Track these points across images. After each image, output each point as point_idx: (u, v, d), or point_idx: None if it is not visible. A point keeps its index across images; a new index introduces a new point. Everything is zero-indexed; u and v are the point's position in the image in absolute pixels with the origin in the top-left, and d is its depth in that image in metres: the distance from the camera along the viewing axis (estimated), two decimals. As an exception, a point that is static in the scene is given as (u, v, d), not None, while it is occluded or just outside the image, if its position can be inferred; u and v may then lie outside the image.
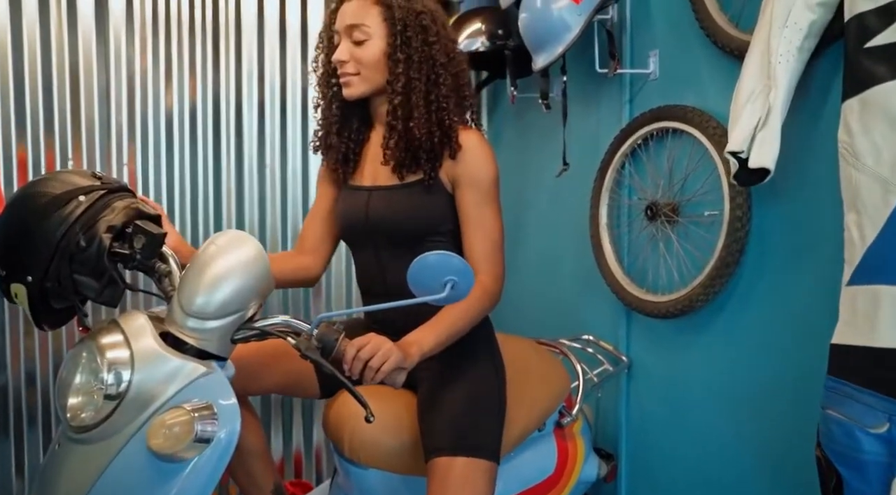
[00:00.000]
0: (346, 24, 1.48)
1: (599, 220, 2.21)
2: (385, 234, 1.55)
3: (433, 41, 1.47)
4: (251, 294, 1.29)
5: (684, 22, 1.95)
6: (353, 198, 1.60)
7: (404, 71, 1.45)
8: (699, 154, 1.90)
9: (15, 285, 1.25)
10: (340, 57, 1.48)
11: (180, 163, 2.59)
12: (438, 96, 1.47)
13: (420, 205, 1.52)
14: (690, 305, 1.88)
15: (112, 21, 2.50)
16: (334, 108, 1.58)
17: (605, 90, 2.24)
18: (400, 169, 1.51)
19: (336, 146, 1.58)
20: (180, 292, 1.27)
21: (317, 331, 1.29)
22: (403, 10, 1.46)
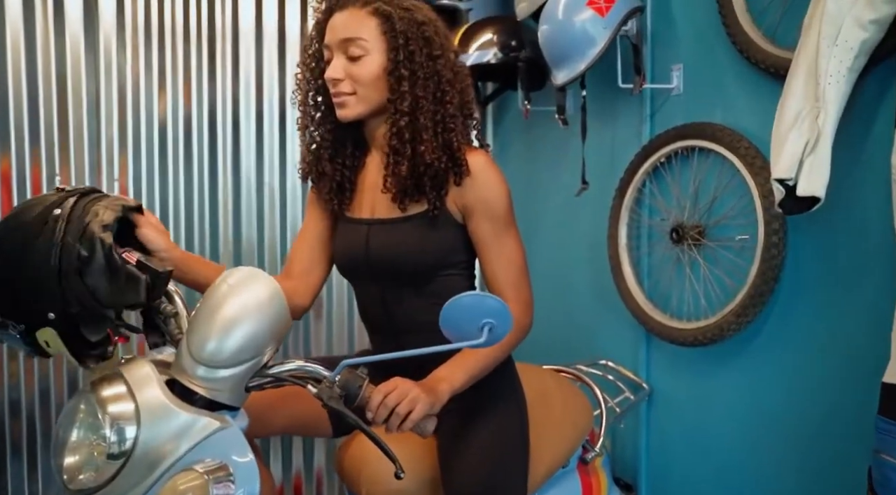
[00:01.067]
0: (339, 37, 1.32)
1: (618, 240, 2.11)
2: (389, 273, 1.41)
3: (438, 55, 1.33)
4: (267, 338, 1.18)
5: (712, 35, 1.86)
6: (350, 231, 1.45)
7: (409, 89, 1.30)
8: (729, 175, 1.81)
9: (41, 331, 1.13)
10: (334, 74, 1.32)
11: (174, 179, 2.45)
12: (445, 116, 1.33)
13: (426, 240, 1.38)
14: (720, 334, 1.79)
15: (102, 27, 2.37)
16: (325, 130, 1.41)
17: (624, 104, 2.15)
18: (402, 198, 1.36)
19: (330, 174, 1.42)
20: (189, 337, 1.15)
21: (339, 378, 1.18)
22: (405, 22, 1.31)
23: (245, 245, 2.53)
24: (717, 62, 1.85)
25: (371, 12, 1.31)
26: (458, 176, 1.33)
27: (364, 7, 1.32)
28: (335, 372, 1.18)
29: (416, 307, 1.41)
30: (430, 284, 1.39)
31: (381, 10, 1.31)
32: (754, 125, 1.75)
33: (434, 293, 1.39)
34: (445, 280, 1.40)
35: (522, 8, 2.01)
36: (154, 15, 2.42)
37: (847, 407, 1.57)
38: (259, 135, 2.54)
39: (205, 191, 2.48)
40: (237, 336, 1.14)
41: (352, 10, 1.32)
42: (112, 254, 1.12)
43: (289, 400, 1.46)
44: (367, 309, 1.50)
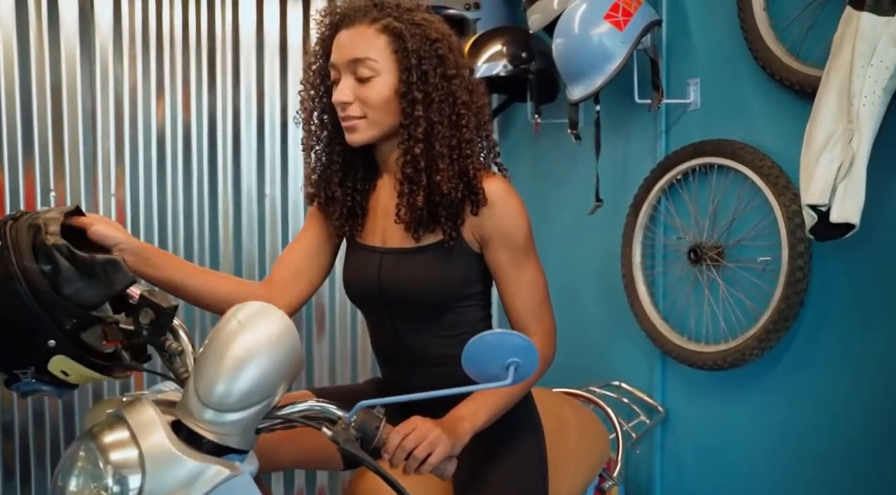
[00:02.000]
0: (347, 58, 1.23)
1: (632, 259, 2.06)
2: (402, 304, 1.34)
3: (452, 74, 1.23)
4: (279, 378, 1.11)
5: (731, 50, 1.81)
6: (362, 259, 1.37)
7: (424, 113, 1.21)
8: (750, 194, 1.75)
9: (52, 363, 1.06)
10: (342, 97, 1.23)
11: (173, 192, 2.38)
12: (461, 141, 1.24)
13: (442, 272, 1.30)
14: (742, 358, 1.73)
15: (98, 35, 2.30)
16: (333, 153, 1.33)
17: (638, 119, 2.09)
18: (416, 228, 1.28)
19: (340, 199, 1.34)
20: (197, 378, 1.08)
21: (355, 419, 1.11)
22: (417, 39, 1.21)
23: (246, 258, 2.46)
24: (738, 77, 1.80)
25: (380, 30, 1.22)
26: (474, 205, 1.25)
27: (373, 24, 1.22)
28: (351, 414, 1.11)
29: (431, 339, 1.35)
30: (445, 316, 1.33)
31: (392, 27, 1.21)
32: (777, 143, 1.70)
33: (449, 325, 1.33)
34: (461, 311, 1.34)
35: (535, 20, 1.95)
36: (152, 23, 2.35)
37: (874, 436, 1.51)
38: (260, 147, 2.47)
39: (205, 203, 2.41)
40: (247, 377, 1.07)
41: (360, 28, 1.22)
42: (74, 254, 1.06)
43: (298, 435, 1.39)
44: (378, 339, 1.43)
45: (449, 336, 1.33)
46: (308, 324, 2.54)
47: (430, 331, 1.34)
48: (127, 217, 2.34)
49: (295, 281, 1.41)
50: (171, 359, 1.15)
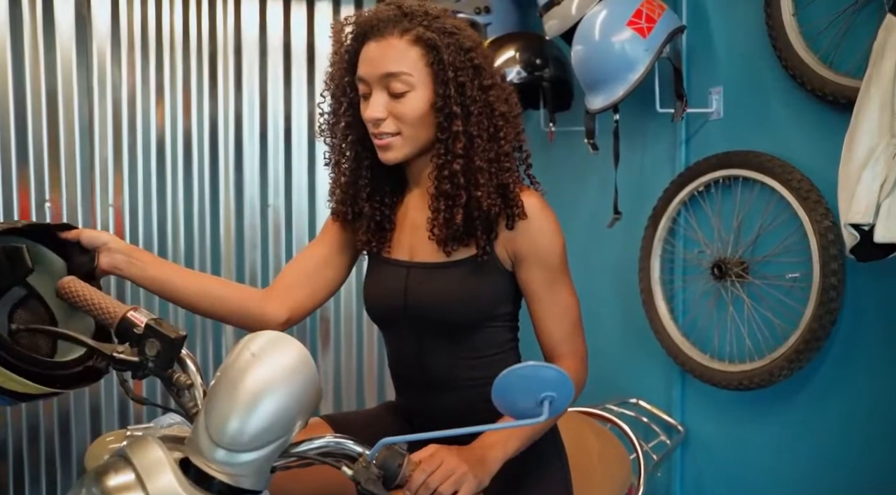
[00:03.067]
0: (379, 72, 1.16)
1: (651, 273, 1.99)
2: (427, 323, 1.27)
3: (489, 85, 1.17)
4: (296, 413, 1.03)
5: (757, 57, 1.74)
6: (387, 274, 1.30)
7: (462, 127, 1.15)
8: (778, 208, 1.69)
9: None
10: (375, 114, 1.16)
11: (173, 202, 2.31)
12: (500, 154, 1.17)
13: (472, 289, 1.24)
14: (769, 379, 1.66)
15: (95, 39, 2.22)
16: (362, 168, 1.25)
17: (657, 128, 2.02)
18: (449, 243, 1.21)
19: (368, 214, 1.28)
20: (208, 415, 1.00)
21: (377, 457, 1.04)
22: (452, 50, 1.14)
23: (248, 270, 2.39)
24: (764, 86, 1.73)
25: (413, 41, 1.14)
26: (510, 218, 1.19)
27: (404, 35, 1.15)
28: (373, 451, 1.04)
29: (454, 360, 1.28)
30: (472, 337, 1.26)
31: (425, 37, 1.14)
32: (807, 156, 1.63)
33: (475, 346, 1.27)
34: (489, 332, 1.27)
35: (552, 26, 1.88)
36: (151, 26, 2.27)
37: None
38: (263, 155, 2.40)
39: (206, 213, 2.34)
40: (262, 414, 1.00)
41: (390, 40, 1.15)
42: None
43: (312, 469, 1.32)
44: (398, 360, 1.35)
45: (474, 357, 1.26)
46: (312, 338, 2.47)
47: (455, 352, 1.27)
48: (125, 227, 2.26)
49: (296, 289, 1.34)
50: (178, 393, 1.07)
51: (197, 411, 1.05)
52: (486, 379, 1.12)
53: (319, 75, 2.44)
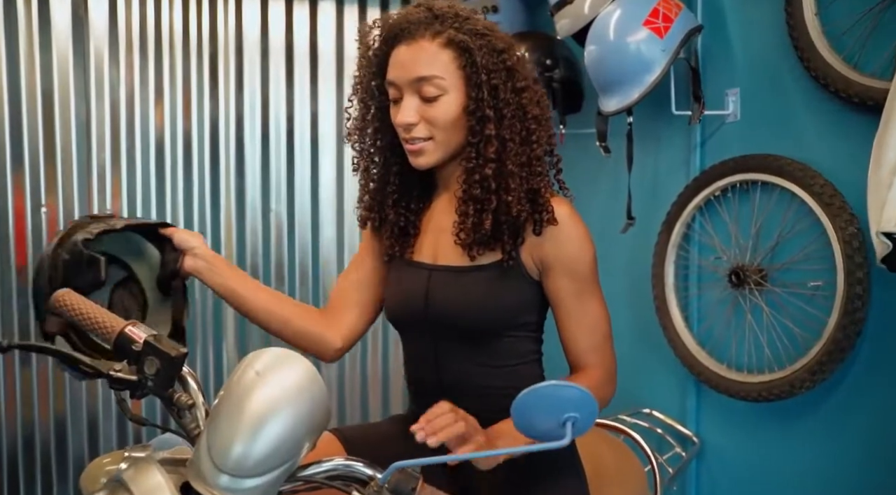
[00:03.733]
0: (410, 76, 1.13)
1: (665, 280, 1.93)
2: (448, 328, 1.24)
3: (522, 87, 1.14)
4: (304, 435, 0.97)
5: (776, 58, 1.68)
6: (408, 276, 1.26)
7: (495, 131, 1.12)
8: (799, 214, 1.63)
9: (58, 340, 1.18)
10: (407, 119, 1.14)
11: (172, 207, 2.25)
12: (532, 158, 1.15)
13: (495, 294, 1.20)
14: (790, 391, 1.61)
15: (92, 38, 2.17)
16: (391, 175, 1.23)
17: (671, 131, 1.97)
18: (474, 247, 1.18)
19: (393, 220, 1.26)
20: (210, 438, 0.94)
21: (389, 481, 0.98)
22: (484, 52, 1.12)
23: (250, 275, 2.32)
24: (784, 88, 1.68)
25: (444, 44, 1.12)
26: (538, 224, 1.15)
27: (436, 38, 1.12)
28: (385, 475, 0.98)
29: (473, 368, 1.24)
30: (493, 345, 1.22)
31: (457, 40, 1.11)
32: (830, 160, 1.58)
33: (495, 354, 1.22)
34: (511, 342, 1.22)
35: (563, 25, 1.82)
36: (150, 26, 2.21)
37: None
38: (265, 158, 2.34)
39: (206, 218, 2.29)
40: (268, 437, 0.94)
41: (422, 43, 1.13)
42: (78, 250, 1.15)
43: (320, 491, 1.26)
44: (415, 366, 1.31)
45: (494, 366, 1.22)
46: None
47: (474, 359, 1.23)
48: (123, 233, 2.20)
49: (346, 311, 1.32)
50: (179, 414, 1.02)
51: (199, 432, 1.00)
52: (505, 389, 1.11)
53: (322, 76, 2.38)
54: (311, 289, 2.39)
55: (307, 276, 2.38)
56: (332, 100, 2.39)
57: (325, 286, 2.40)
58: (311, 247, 2.38)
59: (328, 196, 2.39)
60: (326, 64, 2.38)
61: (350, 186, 2.41)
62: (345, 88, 2.41)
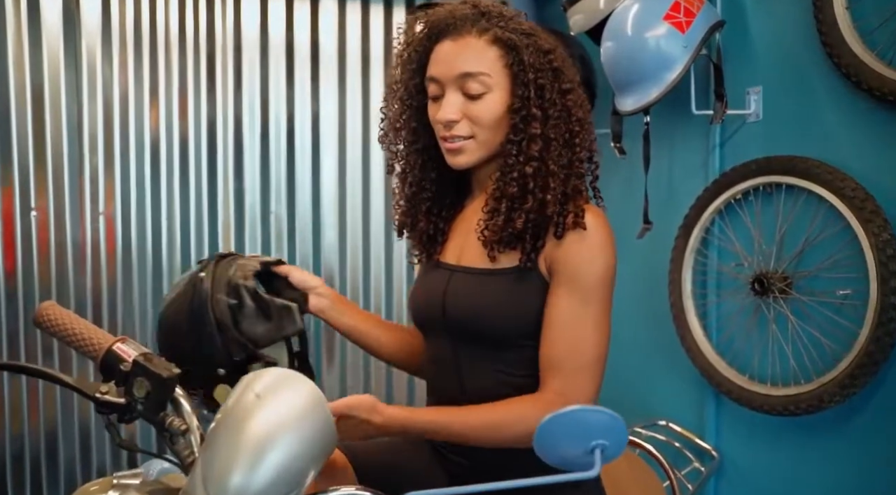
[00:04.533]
0: (455, 72, 1.11)
1: (682, 287, 1.86)
2: (465, 330, 1.19)
3: (568, 89, 1.11)
4: (309, 462, 0.90)
5: (802, 54, 1.61)
6: (431, 276, 1.24)
7: (541, 131, 1.09)
8: (827, 219, 1.55)
9: (218, 391, 1.15)
10: (450, 116, 1.11)
11: (168, 211, 2.17)
12: (573, 161, 1.12)
13: (512, 300, 1.14)
14: (818, 405, 1.53)
15: (84, 35, 2.08)
16: (427, 180, 1.20)
17: (689, 131, 1.89)
18: (496, 247, 1.13)
19: (423, 227, 1.23)
20: (206, 467, 0.87)
21: (401, 511, 0.90)
22: (531, 51, 1.10)
23: (248, 283, 2.24)
24: (810, 86, 1.60)
25: (491, 41, 1.10)
26: (559, 227, 1.10)
27: (482, 35, 1.10)
28: (396, 507, 0.90)
29: (493, 374, 1.18)
30: (511, 352, 1.16)
31: (503, 38, 1.09)
32: (861, 162, 1.50)
33: (514, 363, 1.16)
34: (529, 352, 1.15)
35: (577, 20, 1.74)
36: (145, 22, 2.13)
37: None
38: (265, 159, 2.26)
39: (204, 222, 2.21)
40: (269, 466, 0.86)
41: (468, 39, 1.10)
42: (258, 295, 1.17)
43: None
44: (434, 368, 1.26)
45: (512, 376, 1.15)
46: (317, 352, 2.33)
47: (493, 366, 1.17)
48: (117, 238, 2.12)
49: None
50: (172, 439, 0.93)
51: (193, 460, 0.92)
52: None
53: (324, 75, 2.30)
54: (312, 296, 2.30)
55: (308, 282, 2.30)
56: (333, 100, 2.31)
57: (326, 292, 2.31)
58: (313, 252, 2.30)
59: (330, 199, 2.31)
60: (328, 62, 2.30)
61: (352, 189, 2.33)
62: (347, 88, 2.33)
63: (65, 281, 2.07)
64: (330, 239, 2.32)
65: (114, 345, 0.96)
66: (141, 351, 0.95)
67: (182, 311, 1.17)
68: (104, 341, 0.98)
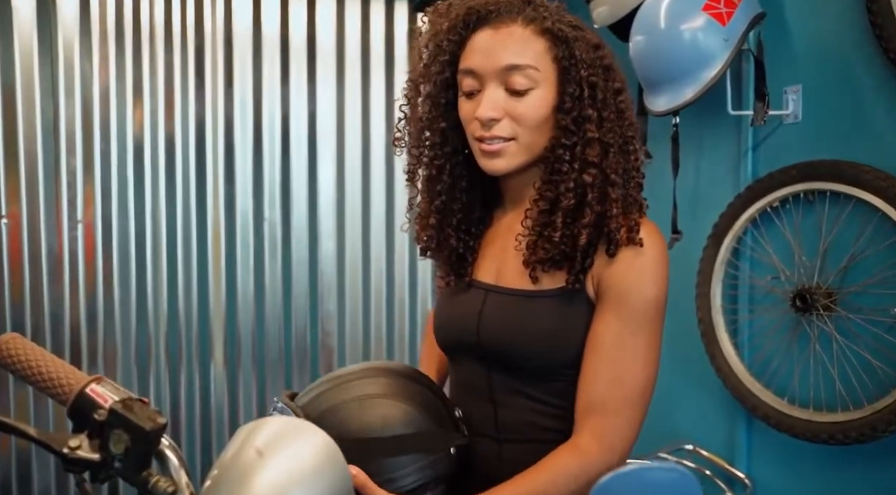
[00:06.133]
0: (499, 64, 0.98)
1: (712, 301, 1.72)
2: (501, 357, 1.07)
3: (619, 89, 1.01)
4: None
5: (850, 49, 1.48)
6: (462, 295, 1.11)
7: (598, 134, 0.98)
8: (880, 231, 1.42)
9: None
10: (490, 113, 0.98)
11: (153, 218, 2.02)
12: (630, 169, 1.01)
13: (557, 325, 1.02)
14: (872, 433, 1.40)
15: (61, 28, 1.95)
16: (455, 190, 1.07)
17: (718, 133, 1.76)
18: (540, 267, 1.01)
19: (454, 245, 1.09)
20: (198, 541, 0.71)
21: None
22: (581, 45, 0.98)
23: (241, 296, 2.10)
24: (859, 85, 1.47)
25: (538, 31, 0.98)
26: (611, 245, 0.97)
27: (529, 25, 0.98)
28: None
29: (533, 406, 1.06)
30: (554, 383, 1.04)
31: (553, 29, 0.97)
32: (918, 168, 1.37)
33: (557, 394, 1.04)
34: (572, 382, 1.03)
35: (602, 13, 1.60)
36: (127, 13, 2.00)
37: None
38: (257, 162, 2.12)
39: (192, 230, 2.07)
40: (277, 538, 0.71)
41: (513, 28, 0.98)
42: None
43: None
44: (464, 395, 1.12)
45: (555, 407, 1.04)
46: (314, 370, 2.19)
47: (533, 396, 1.06)
48: (97, 247, 1.97)
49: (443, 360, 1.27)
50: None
51: (181, 529, 0.77)
52: (567, 434, 0.99)
53: (321, 73, 2.16)
54: (308, 310, 2.16)
55: (304, 294, 2.14)
56: (331, 99, 2.17)
57: (324, 305, 2.17)
58: (309, 262, 2.15)
59: (327, 205, 2.17)
60: (325, 59, 2.17)
61: (351, 194, 2.20)
62: (346, 86, 2.19)
63: (38, 295, 1.92)
64: (328, 248, 2.17)
65: (87, 387, 0.81)
66: (120, 395, 0.80)
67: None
68: (75, 381, 0.82)
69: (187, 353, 2.09)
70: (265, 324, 2.10)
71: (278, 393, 2.17)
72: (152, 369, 2.04)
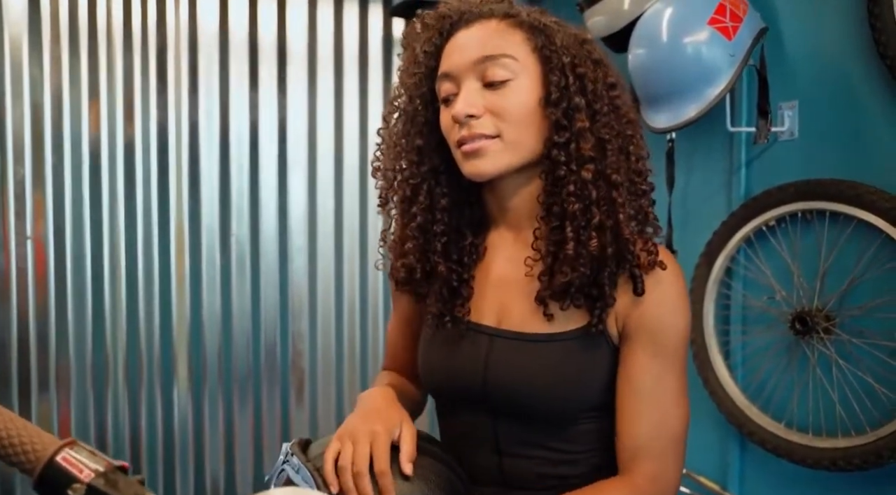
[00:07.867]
0: (472, 57, 0.91)
1: (705, 320, 1.69)
2: (512, 408, 0.97)
3: (613, 83, 0.92)
4: None
5: (850, 65, 1.45)
6: (461, 340, 0.99)
7: (590, 125, 0.89)
8: (882, 252, 1.40)
9: None
10: (468, 109, 0.89)
11: (111, 233, 1.89)
12: (633, 172, 0.92)
13: (578, 373, 0.94)
14: (877, 460, 1.37)
15: (7, 25, 1.80)
16: (437, 211, 0.96)
17: (708, 148, 1.72)
18: (556, 303, 0.92)
19: (444, 275, 0.97)
20: None
21: None
22: (563, 36, 0.91)
23: (207, 316, 1.98)
24: (860, 102, 1.44)
25: (515, 24, 0.91)
26: (639, 280, 0.89)
27: (505, 19, 0.92)
28: None
29: (543, 454, 0.98)
30: (570, 429, 0.97)
31: (528, 20, 0.91)
32: (922, 189, 1.34)
33: (570, 440, 0.97)
34: (589, 425, 0.97)
35: (597, 23, 1.54)
36: (82, 10, 1.87)
37: None
38: (224, 173, 2.00)
39: (153, 246, 1.94)
40: None
41: (487, 23, 0.92)
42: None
43: None
44: (466, 448, 1.02)
45: (569, 452, 0.97)
46: (284, 389, 2.08)
47: (544, 444, 0.98)
48: (49, 265, 1.82)
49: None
50: None
51: None
52: (579, 479, 0.94)
53: (292, 77, 2.05)
54: (278, 329, 2.04)
55: (274, 312, 2.03)
56: (303, 105, 2.07)
57: (295, 324, 2.05)
58: (279, 281, 2.03)
59: (299, 218, 2.06)
60: (297, 63, 2.07)
61: (323, 208, 2.09)
62: (318, 92, 2.08)
63: (-17, 318, 1.75)
64: (299, 265, 2.06)
65: (59, 454, 0.69)
66: (97, 462, 0.68)
67: None
68: (44, 447, 0.70)
69: (148, 374, 1.96)
70: (233, 343, 1.98)
71: (246, 417, 2.04)
72: (109, 391, 1.90)
